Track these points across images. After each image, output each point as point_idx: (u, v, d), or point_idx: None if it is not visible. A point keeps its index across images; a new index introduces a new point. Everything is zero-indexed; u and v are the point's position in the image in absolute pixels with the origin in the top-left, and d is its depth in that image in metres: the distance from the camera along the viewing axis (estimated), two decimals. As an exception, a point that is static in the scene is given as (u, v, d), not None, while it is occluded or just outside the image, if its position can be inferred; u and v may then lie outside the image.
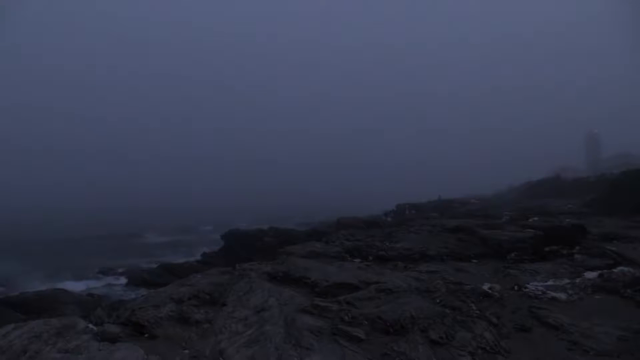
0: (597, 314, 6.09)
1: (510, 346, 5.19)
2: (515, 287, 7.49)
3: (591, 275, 8.10)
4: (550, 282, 7.87)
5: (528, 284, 7.72)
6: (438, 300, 6.50)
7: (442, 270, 8.85)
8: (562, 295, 7.05)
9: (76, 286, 24.05)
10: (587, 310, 6.35)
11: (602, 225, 14.22)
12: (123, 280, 26.09)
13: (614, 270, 8.21)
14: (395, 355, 5.00)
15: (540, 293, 7.15)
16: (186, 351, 5.23)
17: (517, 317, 6.07)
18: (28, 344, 4.93)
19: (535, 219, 15.64)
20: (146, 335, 5.60)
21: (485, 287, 7.32)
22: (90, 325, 5.92)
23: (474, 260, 10.28)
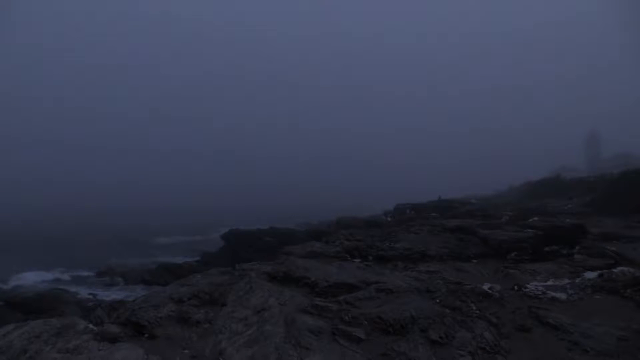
0: (597, 314, 6.09)
1: (510, 346, 5.20)
2: (515, 287, 7.49)
3: (591, 275, 8.10)
4: (550, 282, 7.87)
5: (528, 284, 7.72)
6: (438, 300, 6.50)
7: (442, 270, 8.85)
8: (562, 295, 7.05)
9: (76, 286, 24.10)
10: (587, 310, 6.35)
11: (602, 225, 14.21)
12: (122, 280, 26.11)
13: (614, 270, 8.21)
14: (395, 355, 5.00)
15: (540, 293, 7.15)
16: (186, 351, 5.23)
17: (517, 317, 6.07)
18: (28, 344, 4.93)
19: (535, 219, 15.59)
20: (146, 335, 5.60)
21: (485, 287, 7.32)
22: (90, 325, 5.91)
23: (474, 260, 10.28)
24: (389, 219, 29.59)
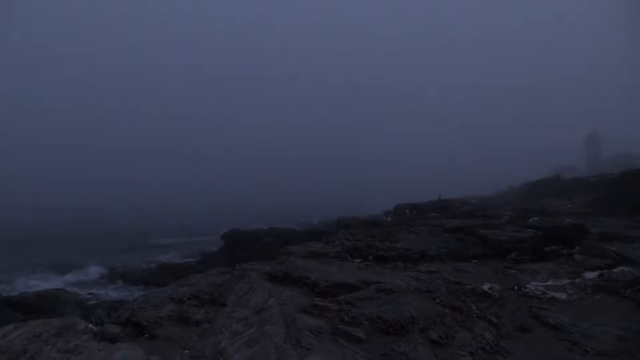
0: (597, 314, 6.08)
1: (510, 346, 5.19)
2: (515, 287, 7.49)
3: (591, 275, 8.10)
4: (550, 282, 7.86)
5: (528, 284, 7.72)
6: (438, 300, 6.49)
7: (442, 270, 8.85)
8: (562, 295, 7.04)
9: (76, 286, 24.10)
10: (587, 310, 6.34)
11: (602, 225, 14.21)
12: (122, 280, 26.09)
13: (614, 270, 8.20)
14: (395, 355, 4.99)
15: (540, 293, 7.15)
16: (186, 351, 5.22)
17: (517, 317, 6.07)
18: (28, 344, 4.92)
19: (535, 219, 15.61)
20: (146, 335, 5.60)
21: (485, 287, 7.32)
22: (90, 325, 5.91)
23: (474, 260, 10.28)
24: (389, 219, 29.62)
